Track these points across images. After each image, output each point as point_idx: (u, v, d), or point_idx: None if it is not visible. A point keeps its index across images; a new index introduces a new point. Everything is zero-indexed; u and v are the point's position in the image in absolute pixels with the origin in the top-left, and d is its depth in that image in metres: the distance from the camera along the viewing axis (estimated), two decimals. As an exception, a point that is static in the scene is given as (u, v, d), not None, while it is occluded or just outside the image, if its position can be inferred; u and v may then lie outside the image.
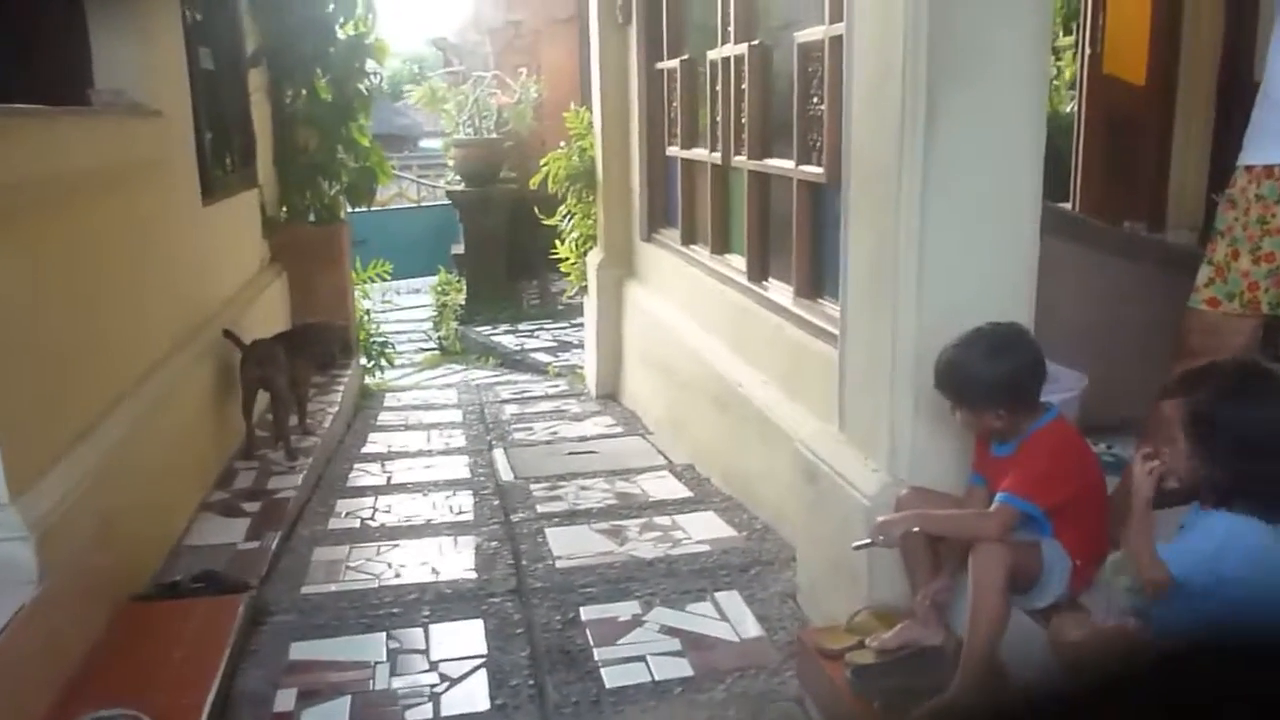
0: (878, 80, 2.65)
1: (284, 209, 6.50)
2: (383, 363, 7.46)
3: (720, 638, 3.10)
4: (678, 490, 4.50)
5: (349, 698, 2.87)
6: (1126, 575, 2.02)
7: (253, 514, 4.06)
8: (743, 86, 4.36)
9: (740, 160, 4.45)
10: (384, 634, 3.21)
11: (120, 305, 3.62)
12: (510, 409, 6.58)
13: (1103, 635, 1.99)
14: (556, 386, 7.45)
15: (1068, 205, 5.94)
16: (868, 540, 2.43)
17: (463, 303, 9.97)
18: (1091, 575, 2.33)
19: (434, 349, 9.59)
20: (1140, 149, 6.42)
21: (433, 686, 2.91)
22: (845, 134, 2.88)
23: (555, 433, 5.85)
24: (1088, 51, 6.45)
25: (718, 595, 3.35)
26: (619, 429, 5.86)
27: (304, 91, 6.45)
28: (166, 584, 3.43)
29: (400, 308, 11.03)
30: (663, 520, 4.07)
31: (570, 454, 5.09)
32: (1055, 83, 7.27)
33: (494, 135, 9.79)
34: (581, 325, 8.00)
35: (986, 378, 2.27)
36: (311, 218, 6.62)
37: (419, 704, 2.83)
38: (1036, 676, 1.89)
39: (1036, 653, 2.25)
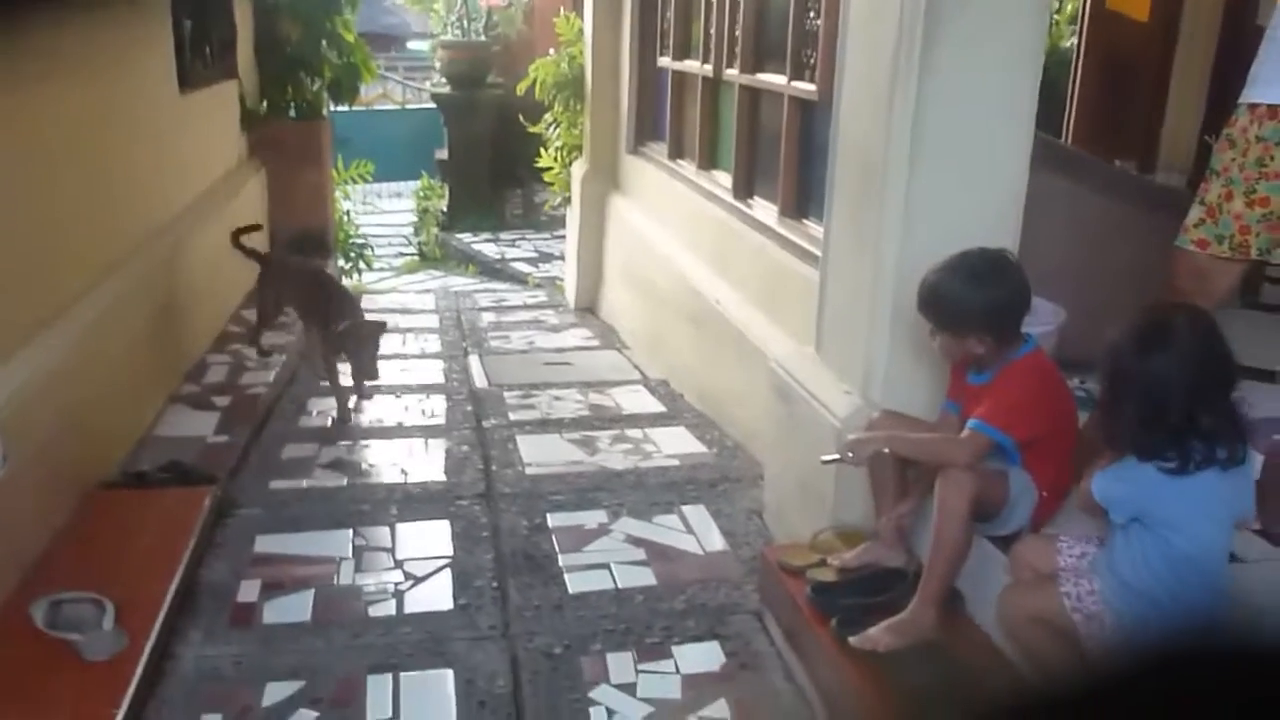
0: (877, -3, 2.58)
1: (264, 103, 6.33)
2: (361, 265, 7.38)
3: (685, 550, 3.13)
4: (651, 405, 4.50)
5: (312, 591, 2.89)
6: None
7: (223, 408, 4.04)
8: (738, -2, 4.25)
9: (732, 74, 4.36)
10: (350, 531, 3.22)
11: (91, 191, 3.54)
12: (488, 317, 6.54)
13: (1055, 628, 2.01)
14: (535, 297, 7.41)
15: (1060, 140, 5.89)
16: (836, 455, 2.43)
17: (444, 209, 9.83)
18: (1056, 507, 2.35)
19: (414, 254, 9.48)
20: (1137, 88, 6.35)
21: (397, 584, 2.94)
22: (840, 52, 2.82)
23: (532, 343, 5.82)
24: (1092, -14, 6.34)
25: (685, 508, 3.38)
26: (596, 342, 5.85)
27: (288, -19, 6.25)
28: (134, 473, 3.42)
29: (381, 211, 10.88)
30: (634, 433, 4.08)
31: (546, 364, 5.08)
32: (1056, 17, 7.14)
33: (482, 38, 9.56)
34: (564, 237, 7.92)
35: (971, 302, 2.23)
36: (292, 113, 6.46)
37: (382, 600, 2.86)
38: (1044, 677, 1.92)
39: (989, 578, 2.28)
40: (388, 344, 5.62)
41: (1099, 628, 1.96)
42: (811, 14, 3.57)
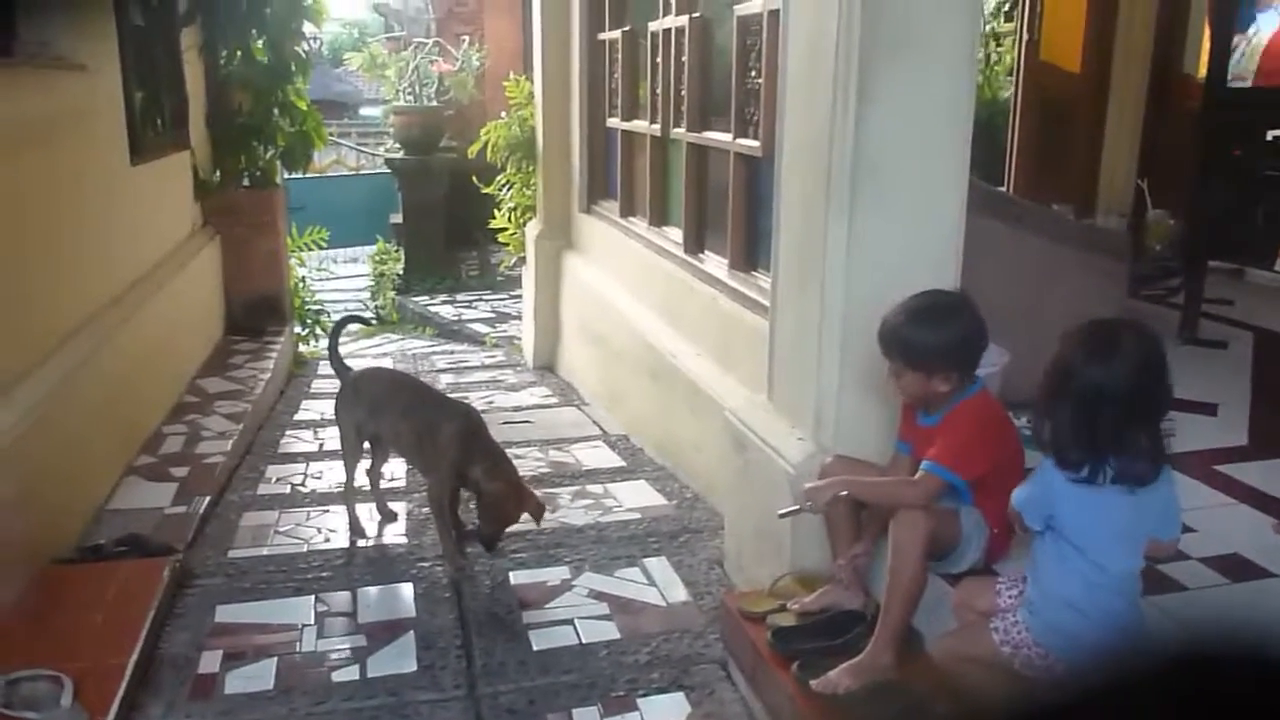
0: (812, 54, 2.68)
1: (217, 172, 6.36)
2: (317, 331, 7.37)
3: (647, 602, 3.15)
4: (611, 460, 4.53)
5: (275, 659, 2.86)
6: None
7: (180, 478, 4.01)
8: (683, 59, 4.37)
9: (679, 132, 4.46)
10: (312, 597, 3.20)
11: (42, 263, 3.54)
12: (446, 378, 6.55)
13: (986, 665, 2.05)
14: (494, 357, 7.43)
15: (1002, 188, 6.06)
16: (795, 507, 2.47)
17: (400, 272, 9.87)
18: (1007, 544, 2.41)
19: (369, 320, 9.47)
20: (1073, 135, 6.58)
21: (360, 648, 2.92)
22: (780, 107, 2.91)
23: (491, 402, 5.84)
24: (1025, 38, 6.58)
25: (646, 561, 3.40)
26: (555, 399, 5.87)
27: (239, 52, 6.31)
28: (89, 547, 3.38)
29: (337, 276, 10.87)
30: (595, 488, 4.10)
31: (505, 423, 5.09)
32: (995, 68, 7.38)
33: (435, 103, 9.68)
34: (519, 297, 7.97)
35: (939, 341, 2.29)
36: (246, 182, 6.50)
37: (345, 665, 2.84)
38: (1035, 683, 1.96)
39: (944, 615, 2.32)
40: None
41: (1028, 657, 2.01)
42: (753, 73, 3.69)
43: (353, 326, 9.11)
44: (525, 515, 3.23)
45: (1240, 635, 0.51)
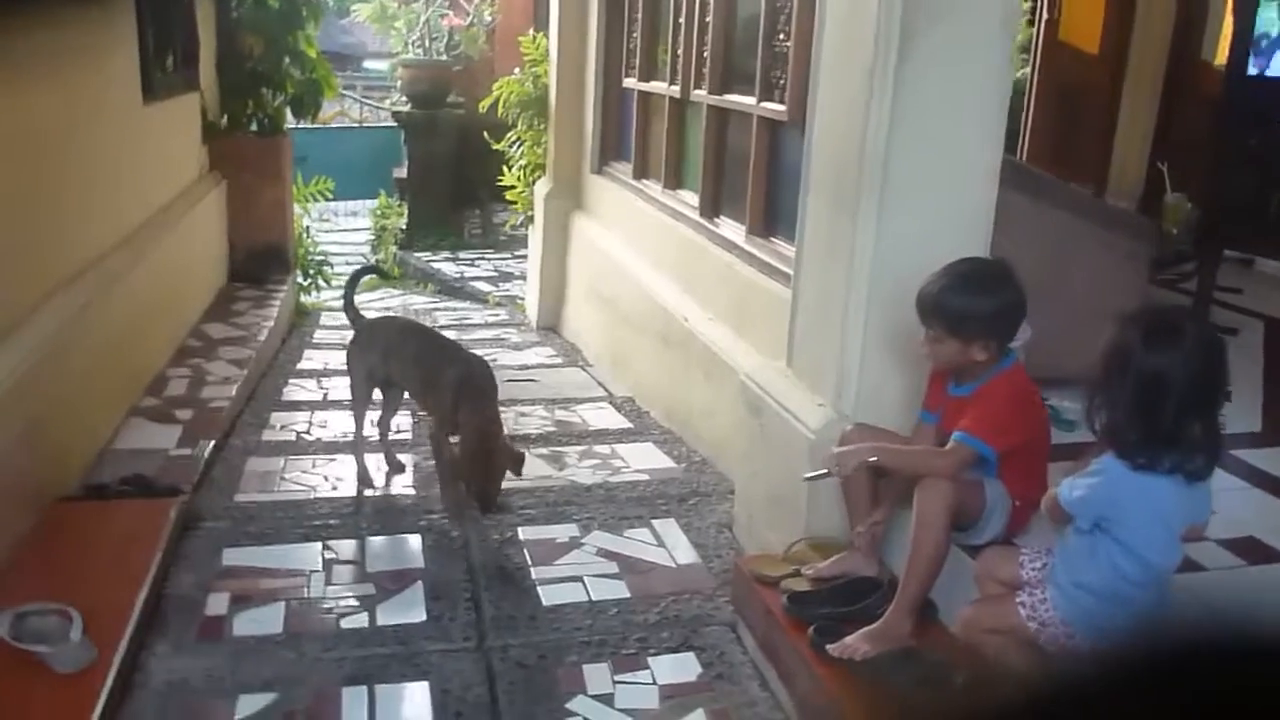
0: (852, 16, 2.64)
1: (225, 117, 6.28)
2: (320, 282, 7.32)
3: (656, 563, 3.15)
4: (617, 421, 4.52)
5: (282, 604, 2.86)
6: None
7: (185, 421, 3.98)
8: (707, 19, 4.32)
9: (700, 94, 4.41)
10: (319, 544, 3.19)
11: (53, 199, 3.49)
12: (449, 335, 6.49)
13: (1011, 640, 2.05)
14: (497, 315, 7.39)
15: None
16: (823, 470, 2.46)
17: (403, 227, 9.79)
18: (1028, 517, 2.41)
19: (368, 271, 9.40)
20: (1087, 116, 6.54)
21: (369, 596, 2.91)
22: (815, 67, 2.88)
23: (495, 360, 5.77)
24: (1045, 17, 6.52)
25: (655, 522, 3.39)
26: (559, 360, 5.85)
27: (251, -5, 6.22)
28: (94, 486, 3.36)
29: (339, 229, 10.80)
30: (602, 449, 4.09)
31: (510, 381, 5.06)
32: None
33: (444, 58, 9.56)
34: (523, 257, 7.92)
35: (981, 309, 2.27)
36: (254, 127, 6.42)
37: (354, 613, 2.83)
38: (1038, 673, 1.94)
39: (962, 586, 2.32)
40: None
41: (1053, 634, 2.01)
42: (781, 36, 3.64)
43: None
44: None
45: (1262, 624, 0.49)
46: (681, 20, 4.60)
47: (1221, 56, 6.44)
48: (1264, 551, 2.57)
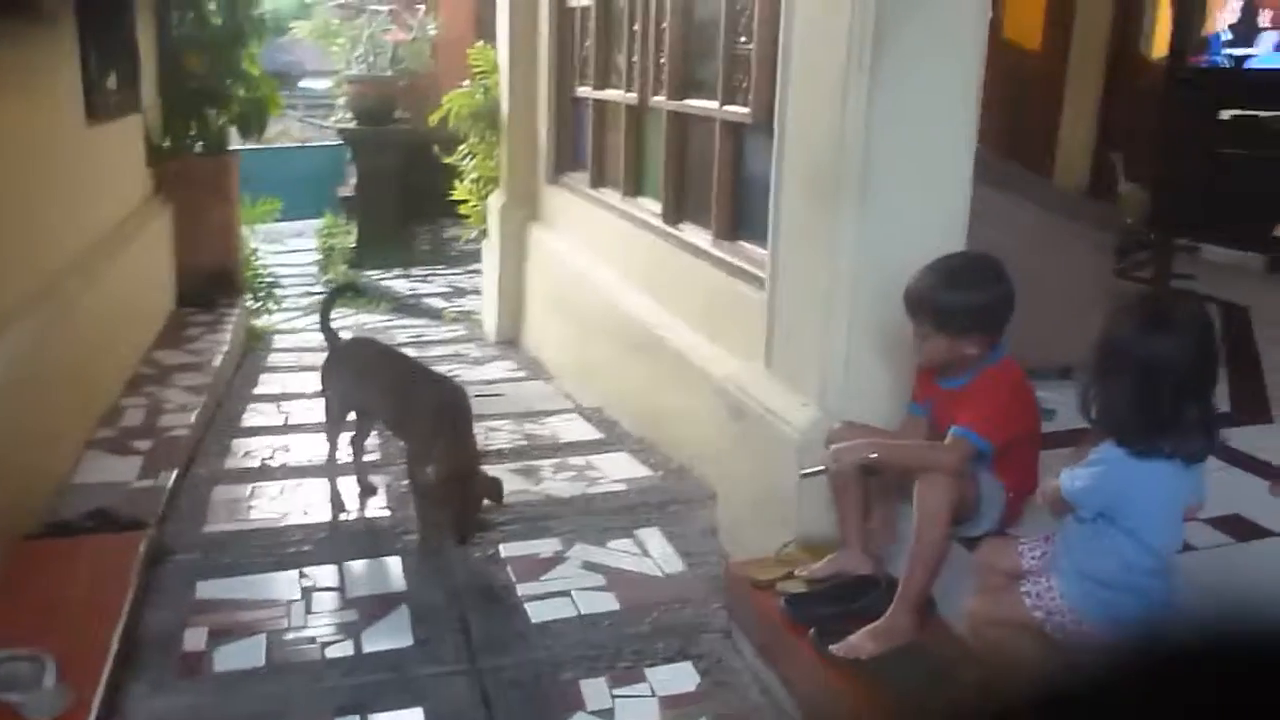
0: (825, 11, 2.63)
1: (168, 138, 6.14)
2: (270, 305, 7.18)
3: (644, 573, 3.10)
4: (588, 432, 4.47)
5: (263, 636, 2.76)
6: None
7: (144, 452, 3.85)
8: (663, 26, 4.30)
9: (659, 101, 4.39)
10: (296, 572, 3.10)
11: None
12: (408, 353, 6.40)
13: (1020, 630, 2.04)
14: (454, 331, 7.30)
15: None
16: (820, 467, 2.44)
17: (352, 245, 9.64)
18: (1021, 509, 2.41)
19: (322, 293, 9.26)
20: (1033, 111, 6.66)
21: (352, 623, 2.83)
22: (784, 66, 2.86)
23: (457, 376, 5.71)
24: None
25: (638, 532, 3.35)
26: (522, 373, 5.79)
27: (191, 14, 6.09)
28: (57, 523, 3.24)
29: (285, 250, 10.61)
30: (577, 461, 4.04)
31: (477, 396, 4.98)
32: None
33: (388, 73, 9.45)
34: (476, 272, 7.83)
35: (974, 302, 2.26)
36: (198, 148, 6.27)
37: (338, 641, 2.75)
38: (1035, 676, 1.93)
39: (960, 579, 2.31)
40: (309, 382, 5.45)
41: (1061, 623, 2.00)
42: (743, 39, 3.63)
43: (303, 301, 8.93)
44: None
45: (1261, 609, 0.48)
46: (637, 28, 4.58)
47: (1158, 50, 6.61)
48: (1250, 527, 2.61)
